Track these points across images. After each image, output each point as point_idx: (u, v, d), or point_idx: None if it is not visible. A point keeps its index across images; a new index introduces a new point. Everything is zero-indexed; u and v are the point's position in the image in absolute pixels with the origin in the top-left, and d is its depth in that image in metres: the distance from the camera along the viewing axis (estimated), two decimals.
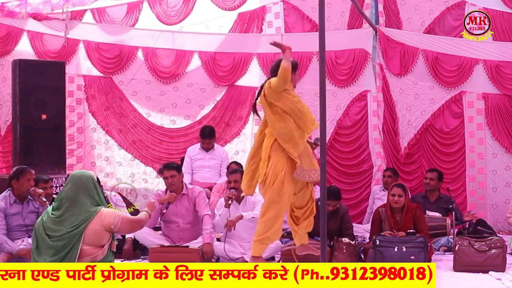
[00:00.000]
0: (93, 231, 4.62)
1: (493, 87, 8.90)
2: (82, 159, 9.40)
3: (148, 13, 9.51)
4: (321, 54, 4.92)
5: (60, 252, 4.56)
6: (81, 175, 4.80)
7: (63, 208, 4.68)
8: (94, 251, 4.63)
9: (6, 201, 6.58)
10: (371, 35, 9.18)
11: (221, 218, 6.97)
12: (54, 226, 4.63)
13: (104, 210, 4.72)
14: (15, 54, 9.01)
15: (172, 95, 9.59)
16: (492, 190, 8.95)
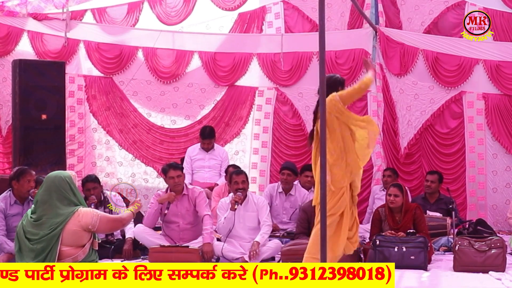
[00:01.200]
0: (71, 232, 4.59)
1: (493, 87, 8.90)
2: (83, 159, 9.40)
3: (148, 13, 9.53)
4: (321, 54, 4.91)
5: (40, 254, 4.55)
6: (53, 178, 4.76)
7: (39, 211, 4.67)
8: (74, 252, 4.60)
9: (6, 202, 6.58)
10: (371, 35, 9.19)
11: (227, 221, 6.95)
12: (32, 230, 4.62)
13: (82, 210, 4.68)
14: (16, 54, 9.01)
15: (173, 95, 9.59)
16: (492, 191, 8.95)
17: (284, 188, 8.15)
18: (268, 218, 7.14)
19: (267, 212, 7.14)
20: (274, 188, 8.27)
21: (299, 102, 9.44)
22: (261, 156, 9.55)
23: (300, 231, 7.21)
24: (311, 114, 9.12)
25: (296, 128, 9.46)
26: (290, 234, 7.54)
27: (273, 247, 6.98)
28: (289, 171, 8.11)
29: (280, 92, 9.52)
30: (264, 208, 7.13)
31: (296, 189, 8.17)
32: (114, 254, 6.95)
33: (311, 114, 9.11)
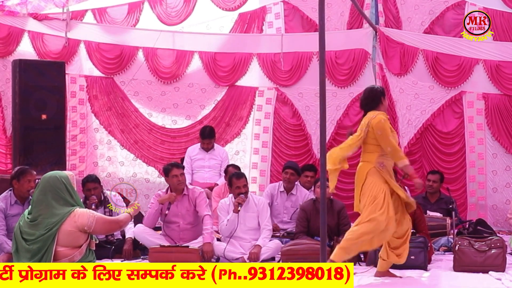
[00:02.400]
0: (67, 232, 4.57)
1: (493, 87, 8.91)
2: (85, 159, 9.41)
3: (149, 14, 9.53)
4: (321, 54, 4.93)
5: (36, 255, 4.54)
6: (49, 178, 4.74)
7: (34, 212, 4.65)
8: (71, 252, 4.58)
9: (6, 202, 6.58)
10: (371, 35, 9.19)
11: (230, 223, 6.95)
12: (29, 230, 4.61)
13: (78, 211, 4.66)
14: (17, 54, 9.01)
15: (173, 95, 9.60)
16: (492, 191, 8.95)
17: (286, 187, 8.16)
18: (268, 222, 7.14)
19: (267, 215, 7.15)
20: (275, 188, 8.27)
21: (299, 102, 9.45)
22: (262, 156, 9.56)
23: (300, 230, 7.22)
24: (311, 114, 9.29)
25: (296, 128, 9.47)
26: (290, 234, 7.54)
27: (273, 247, 6.98)
28: (292, 170, 8.12)
29: (280, 92, 9.52)
30: (265, 210, 7.13)
31: (297, 189, 8.18)
32: (114, 254, 6.96)
33: (311, 114, 9.27)
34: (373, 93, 5.88)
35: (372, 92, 5.90)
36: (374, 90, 5.92)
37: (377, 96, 5.84)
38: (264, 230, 7.03)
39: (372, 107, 5.80)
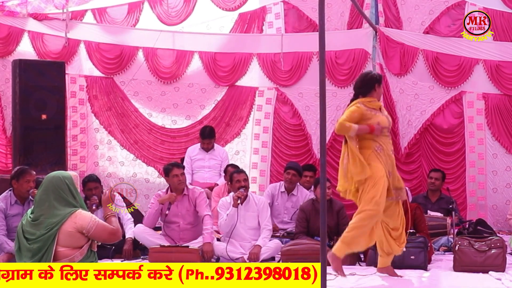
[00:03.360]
0: (67, 233, 4.56)
1: (493, 87, 8.91)
2: (86, 159, 9.41)
3: (148, 14, 9.52)
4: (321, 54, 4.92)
5: (36, 254, 4.54)
6: (52, 178, 4.72)
7: (37, 211, 4.65)
8: (71, 253, 4.57)
9: (6, 202, 6.58)
10: (371, 35, 9.19)
11: (230, 218, 6.96)
12: (30, 229, 4.61)
13: (81, 213, 4.64)
14: (17, 54, 9.00)
15: (173, 95, 9.60)
16: (492, 191, 8.95)
17: (287, 187, 8.16)
18: (268, 222, 7.15)
19: (268, 215, 7.16)
20: (276, 188, 8.28)
21: (299, 102, 9.44)
22: (261, 156, 9.55)
23: (300, 230, 7.22)
24: (311, 114, 9.28)
25: (296, 128, 9.46)
26: (290, 234, 7.54)
27: (273, 247, 6.98)
28: (294, 171, 8.13)
29: (280, 92, 9.52)
30: (265, 210, 7.14)
31: (298, 189, 8.19)
32: (114, 254, 6.96)
33: (311, 114, 9.27)
34: (367, 79, 5.81)
35: (367, 77, 5.83)
36: (370, 76, 5.84)
37: (371, 83, 5.76)
38: (264, 230, 7.03)
39: (364, 92, 5.75)
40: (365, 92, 5.75)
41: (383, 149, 5.67)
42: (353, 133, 5.57)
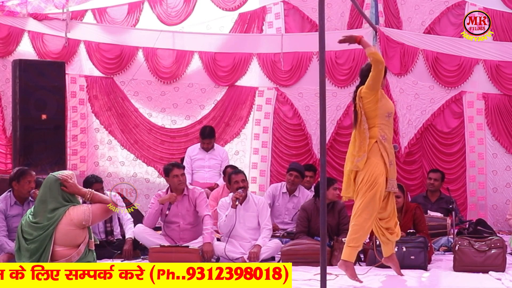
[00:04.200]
0: (64, 232, 4.56)
1: (493, 87, 8.91)
2: (86, 159, 9.41)
3: (149, 14, 9.53)
4: (321, 54, 4.93)
5: (34, 254, 4.55)
6: (48, 178, 4.74)
7: (35, 212, 4.66)
8: (69, 252, 4.57)
9: (6, 202, 6.57)
10: (371, 35, 9.17)
11: (228, 218, 6.97)
12: (29, 230, 4.62)
13: (73, 208, 4.65)
14: (17, 54, 8.99)
15: (173, 95, 9.60)
16: (492, 191, 8.96)
17: (289, 188, 8.16)
18: (268, 222, 7.16)
19: (267, 215, 7.16)
20: (277, 188, 8.28)
21: (299, 102, 9.44)
22: (261, 156, 9.55)
23: (300, 230, 7.23)
24: (311, 114, 9.28)
25: (296, 128, 9.46)
26: (290, 234, 7.55)
27: (273, 247, 6.98)
28: (297, 173, 8.13)
29: (280, 92, 9.52)
30: (265, 210, 7.15)
31: (300, 190, 8.19)
32: (114, 254, 6.95)
33: (311, 114, 9.27)
34: (367, 67, 5.75)
35: (367, 65, 5.78)
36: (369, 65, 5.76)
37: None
38: (264, 230, 7.04)
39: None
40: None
41: (386, 139, 5.67)
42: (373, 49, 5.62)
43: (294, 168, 8.21)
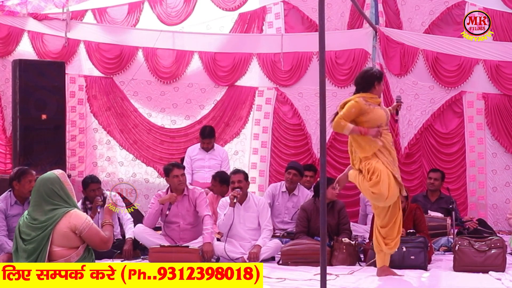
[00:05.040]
0: (61, 233, 4.54)
1: (493, 87, 8.91)
2: (84, 159, 9.41)
3: (149, 14, 9.53)
4: (321, 54, 4.93)
5: (31, 255, 4.53)
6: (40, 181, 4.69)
7: (32, 213, 4.65)
8: (67, 253, 4.55)
9: (7, 202, 6.57)
10: (371, 35, 9.18)
11: (227, 217, 6.98)
12: (26, 230, 4.60)
13: (76, 212, 4.60)
14: (17, 54, 9.00)
15: (173, 95, 9.60)
16: (492, 190, 8.96)
17: (288, 187, 8.17)
18: (269, 222, 7.17)
19: (268, 215, 7.18)
20: (276, 188, 8.28)
21: (299, 102, 9.44)
22: (261, 156, 9.55)
23: (300, 230, 7.23)
24: (311, 114, 9.29)
25: (296, 128, 9.46)
26: (290, 234, 7.55)
27: (273, 247, 6.99)
28: (295, 171, 8.14)
29: (280, 92, 9.52)
30: (265, 210, 7.15)
31: (299, 189, 8.19)
32: (114, 254, 6.95)
33: (311, 114, 9.27)
34: (367, 76, 5.78)
35: (367, 74, 5.81)
36: (370, 73, 5.81)
37: (371, 80, 5.74)
38: (264, 230, 7.04)
39: (363, 89, 5.75)
40: (364, 88, 5.76)
41: (384, 146, 5.67)
42: (347, 132, 5.60)
43: (292, 167, 8.22)
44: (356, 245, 6.85)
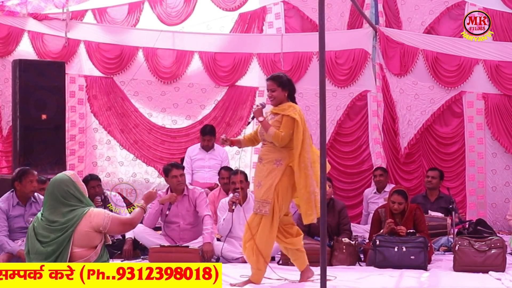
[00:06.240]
0: (82, 233, 4.56)
1: (493, 87, 8.90)
2: (84, 159, 9.41)
3: (149, 14, 9.53)
4: (321, 54, 4.93)
5: (50, 257, 4.54)
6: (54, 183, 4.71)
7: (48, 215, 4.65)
8: (87, 253, 4.58)
9: (9, 203, 6.56)
10: (371, 35, 9.19)
11: (226, 222, 6.98)
12: (44, 232, 4.61)
13: (94, 211, 4.65)
14: (17, 54, 8.99)
15: (173, 95, 9.60)
16: (491, 190, 8.96)
17: None
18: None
19: None
20: None
21: (299, 102, 9.19)
22: None
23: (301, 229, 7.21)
24: (311, 114, 9.30)
25: None
26: None
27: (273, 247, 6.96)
28: None
29: None
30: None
31: None
32: (114, 254, 6.95)
33: (311, 114, 9.27)
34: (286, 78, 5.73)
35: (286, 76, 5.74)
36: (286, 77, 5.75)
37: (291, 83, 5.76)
38: None
39: (288, 91, 5.72)
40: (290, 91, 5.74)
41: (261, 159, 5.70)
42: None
43: None
44: (356, 245, 6.85)
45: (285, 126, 5.57)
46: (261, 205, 5.52)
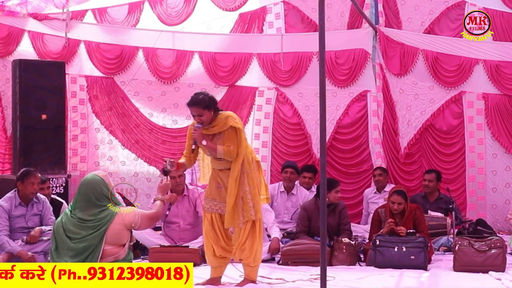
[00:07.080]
0: (115, 231, 4.68)
1: (493, 87, 8.90)
2: (86, 159, 9.41)
3: (149, 14, 9.52)
4: (321, 54, 4.93)
5: (81, 253, 4.60)
6: (87, 184, 4.79)
7: (80, 214, 4.70)
8: (116, 251, 4.69)
9: (11, 203, 6.57)
10: (371, 35, 9.19)
11: None
12: (74, 229, 4.67)
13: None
14: (17, 54, 8.98)
15: (174, 95, 9.60)
16: (492, 190, 8.95)
17: (286, 186, 8.17)
18: (275, 220, 7.25)
19: (272, 215, 7.29)
20: (275, 188, 8.28)
21: (299, 102, 9.45)
22: (262, 156, 9.52)
23: (301, 229, 7.23)
24: (311, 114, 9.30)
25: (296, 128, 9.46)
26: (290, 234, 7.55)
27: None
28: (292, 169, 8.16)
29: (280, 92, 9.52)
30: (268, 211, 7.21)
31: (297, 189, 8.20)
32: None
33: (311, 114, 9.28)
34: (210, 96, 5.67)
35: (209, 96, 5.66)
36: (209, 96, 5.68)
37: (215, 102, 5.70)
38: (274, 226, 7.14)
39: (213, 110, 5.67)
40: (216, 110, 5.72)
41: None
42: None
43: (288, 165, 8.27)
44: (356, 245, 6.86)
45: (230, 139, 5.57)
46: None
